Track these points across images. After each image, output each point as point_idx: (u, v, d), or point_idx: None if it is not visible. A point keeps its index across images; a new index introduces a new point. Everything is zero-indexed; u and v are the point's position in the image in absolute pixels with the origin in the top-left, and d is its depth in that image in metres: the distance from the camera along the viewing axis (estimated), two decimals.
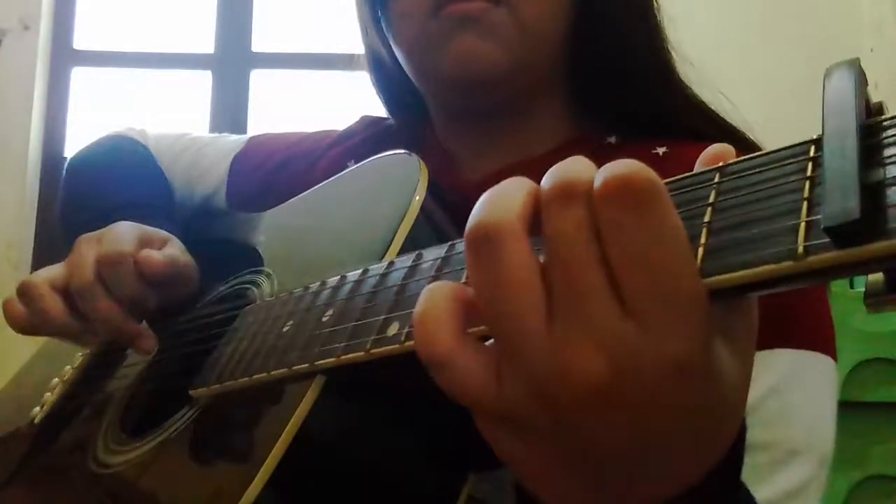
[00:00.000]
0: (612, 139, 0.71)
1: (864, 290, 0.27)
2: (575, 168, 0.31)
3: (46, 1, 2.10)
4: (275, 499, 0.45)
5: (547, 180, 0.31)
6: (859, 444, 1.44)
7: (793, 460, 0.57)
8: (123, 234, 0.67)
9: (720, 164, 0.32)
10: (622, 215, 0.29)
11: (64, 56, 2.15)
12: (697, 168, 0.33)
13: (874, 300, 0.26)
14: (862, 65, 0.29)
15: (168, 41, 2.22)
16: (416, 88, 0.76)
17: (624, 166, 0.29)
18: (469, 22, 0.65)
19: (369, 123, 0.84)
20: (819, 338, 0.61)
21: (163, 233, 0.71)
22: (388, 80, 0.81)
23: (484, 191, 0.34)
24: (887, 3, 1.86)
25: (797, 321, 0.60)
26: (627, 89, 0.71)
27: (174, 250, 0.69)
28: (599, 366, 0.29)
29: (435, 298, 0.33)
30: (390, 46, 0.74)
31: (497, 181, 0.34)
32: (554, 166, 0.32)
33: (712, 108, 0.71)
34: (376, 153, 0.63)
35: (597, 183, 0.30)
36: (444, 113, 0.77)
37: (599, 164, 0.31)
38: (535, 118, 0.72)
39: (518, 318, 0.30)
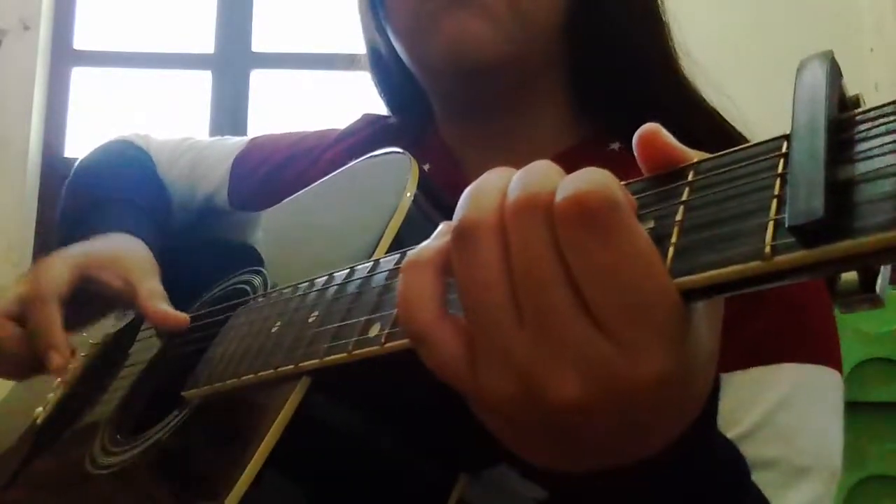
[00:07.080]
0: (616, 146, 0.70)
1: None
2: (538, 180, 0.32)
3: (46, 1, 2.10)
4: (258, 501, 0.45)
5: (513, 188, 0.32)
6: (859, 444, 1.44)
7: (803, 478, 0.55)
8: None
9: (695, 160, 0.31)
10: (583, 236, 0.29)
11: (64, 56, 2.15)
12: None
13: (846, 300, 0.26)
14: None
15: (168, 41, 2.22)
16: (417, 85, 0.75)
17: (582, 182, 0.29)
18: (461, 1, 0.64)
19: (370, 122, 0.84)
20: (827, 352, 0.60)
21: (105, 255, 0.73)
22: (388, 76, 0.81)
23: None
24: (887, 3, 1.85)
25: (805, 335, 0.59)
26: (628, 90, 0.69)
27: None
28: (574, 385, 0.30)
29: (418, 274, 0.34)
30: (388, 39, 0.74)
31: None
32: (521, 171, 0.33)
33: (716, 108, 0.70)
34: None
35: (557, 200, 0.30)
36: (445, 108, 0.76)
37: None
38: (537, 118, 0.71)
39: (490, 312, 0.31)
